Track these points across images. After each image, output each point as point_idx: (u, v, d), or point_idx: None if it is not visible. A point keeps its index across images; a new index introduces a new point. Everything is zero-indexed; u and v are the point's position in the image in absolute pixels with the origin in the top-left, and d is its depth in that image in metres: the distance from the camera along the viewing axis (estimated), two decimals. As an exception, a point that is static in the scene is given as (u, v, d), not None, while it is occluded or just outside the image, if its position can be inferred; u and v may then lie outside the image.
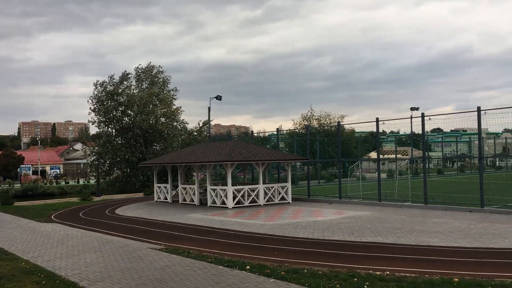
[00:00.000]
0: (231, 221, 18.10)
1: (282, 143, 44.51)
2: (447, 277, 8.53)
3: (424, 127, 21.63)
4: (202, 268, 9.79)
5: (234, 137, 46.98)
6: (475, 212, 18.58)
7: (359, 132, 57.61)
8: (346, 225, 16.04)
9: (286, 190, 25.14)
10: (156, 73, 46.95)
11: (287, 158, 26.46)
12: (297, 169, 40.63)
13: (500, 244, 12.08)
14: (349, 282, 8.33)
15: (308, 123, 51.98)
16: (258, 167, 24.45)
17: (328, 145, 41.96)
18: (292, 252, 11.86)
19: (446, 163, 57.11)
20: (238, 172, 36.33)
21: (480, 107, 19.42)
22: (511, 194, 23.74)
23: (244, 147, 25.32)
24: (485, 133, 62.62)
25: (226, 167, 23.72)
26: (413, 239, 13.02)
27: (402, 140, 69.66)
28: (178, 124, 45.79)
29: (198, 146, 29.71)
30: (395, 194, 23.72)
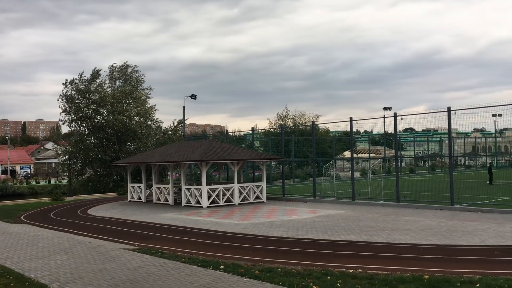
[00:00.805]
0: (205, 221, 18.03)
1: (257, 143, 44.59)
2: (417, 274, 8.68)
3: (396, 126, 21.98)
4: (176, 268, 9.72)
5: (209, 136, 46.80)
6: (445, 210, 18.99)
7: (333, 132, 58.15)
8: (320, 224, 16.18)
9: (261, 189, 25.18)
10: (131, 72, 46.38)
11: (262, 158, 26.51)
12: (272, 168, 40.77)
13: (469, 241, 12.38)
14: (323, 280, 8.40)
15: (283, 122, 52.19)
16: (233, 167, 24.43)
17: (303, 144, 42.22)
18: (266, 251, 11.89)
19: (418, 162, 58.22)
20: (213, 171, 36.21)
21: (450, 107, 19.88)
22: (480, 192, 24.37)
23: (219, 147, 25.26)
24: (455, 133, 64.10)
25: (201, 167, 23.62)
26: (385, 237, 13.22)
27: (375, 139, 70.70)
28: (153, 123, 45.35)
29: (172, 146, 29.50)
30: (368, 193, 24.05)
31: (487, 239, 12.51)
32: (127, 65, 46.18)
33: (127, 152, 42.04)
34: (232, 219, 18.18)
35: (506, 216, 16.91)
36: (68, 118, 42.38)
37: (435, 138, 71.22)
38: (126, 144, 43.88)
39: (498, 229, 14.04)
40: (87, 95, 41.76)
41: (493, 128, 44.33)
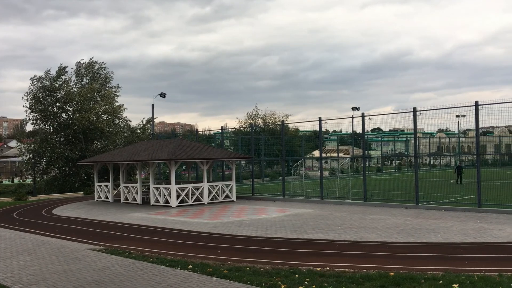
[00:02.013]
0: (174, 220, 17.89)
1: (227, 142, 44.54)
2: (383, 271, 8.85)
3: (364, 126, 22.34)
4: (143, 269, 9.60)
5: (178, 135, 46.42)
6: (410, 209, 19.42)
7: (303, 131, 58.65)
8: (289, 223, 16.28)
9: (230, 189, 25.16)
10: (98, 69, 45.48)
11: (232, 157, 26.49)
12: (242, 167, 40.80)
13: (433, 239, 12.70)
14: (291, 279, 8.46)
15: (253, 121, 52.27)
16: (202, 166, 24.31)
17: (272, 143, 42.42)
18: (235, 250, 11.89)
19: (385, 162, 59.34)
20: (183, 170, 35.97)
21: (416, 108, 20.33)
22: (444, 191, 25.07)
23: (189, 146, 25.09)
24: (420, 133, 65.70)
25: (170, 166, 23.40)
26: (353, 235, 13.42)
27: (344, 139, 71.63)
28: (121, 121, 44.61)
29: (141, 144, 29.12)
30: (337, 192, 24.36)
31: (450, 237, 12.86)
32: (94, 62, 45.28)
33: (94, 150, 41.22)
34: (201, 219, 18.10)
35: (468, 214, 17.43)
36: (32, 116, 41.24)
37: (401, 138, 72.76)
38: (93, 142, 43.02)
39: (461, 227, 14.46)
40: (52, 92, 40.73)
41: (456, 128, 45.58)
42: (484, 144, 68.58)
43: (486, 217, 16.56)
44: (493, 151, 63.60)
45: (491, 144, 71.02)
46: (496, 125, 75.36)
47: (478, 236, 12.84)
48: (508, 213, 17.13)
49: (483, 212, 17.72)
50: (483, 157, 50.30)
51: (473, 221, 15.66)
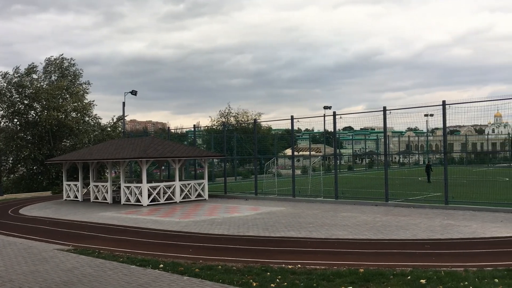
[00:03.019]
0: (145, 219, 17.70)
1: (200, 140, 44.32)
2: (353, 268, 8.97)
3: (335, 125, 22.59)
4: (113, 269, 9.46)
5: (150, 133, 45.91)
6: (380, 206, 19.76)
7: (275, 130, 58.85)
8: (261, 221, 16.33)
9: (202, 187, 25.05)
10: (68, 66, 44.48)
11: (204, 155, 26.38)
12: (215, 165, 40.68)
13: (401, 235, 12.95)
14: (262, 277, 8.49)
15: (225, 120, 52.15)
16: (174, 164, 24.12)
17: (245, 142, 42.43)
18: (207, 249, 11.85)
19: (356, 160, 60.15)
20: (154, 169, 35.59)
21: (385, 107, 20.70)
22: (412, 188, 25.58)
23: (160, 144, 24.86)
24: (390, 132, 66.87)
25: (141, 164, 23.14)
26: (324, 233, 13.56)
27: (316, 137, 72.26)
28: (91, 119, 43.79)
29: (111, 143, 28.67)
30: (309, 190, 24.56)
31: (418, 233, 13.14)
32: (63, 59, 44.28)
33: (63, 149, 40.35)
34: (173, 217, 17.96)
35: (436, 211, 17.85)
36: (-2, 113, 40.03)
37: (372, 136, 73.92)
38: (61, 141, 42.09)
39: (429, 223, 14.80)
40: (20, 89, 39.64)
41: (425, 127, 46.58)
42: (451, 143, 70.40)
43: (453, 214, 16.99)
44: (460, 149, 65.29)
45: (458, 142, 72.93)
46: (463, 124, 77.40)
47: (445, 233, 13.16)
48: (474, 210, 17.63)
49: (450, 209, 18.17)
50: (450, 156, 51.56)
51: (440, 218, 16.05)
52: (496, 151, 62.82)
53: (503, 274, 8.18)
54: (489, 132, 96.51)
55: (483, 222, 14.90)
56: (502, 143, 69.06)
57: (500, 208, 17.46)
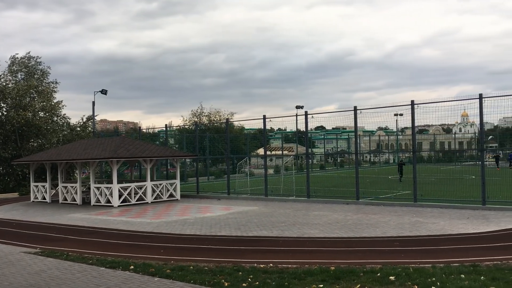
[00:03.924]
0: (116, 220, 17.43)
1: (172, 140, 43.94)
2: (324, 266, 9.05)
3: (307, 124, 22.76)
4: (82, 271, 9.28)
5: (121, 133, 45.25)
6: (351, 204, 20.01)
7: (248, 129, 58.90)
8: (233, 221, 16.31)
9: (174, 187, 24.85)
10: (34, 64, 43.36)
11: (176, 155, 26.17)
12: (187, 165, 40.42)
13: (372, 233, 13.15)
14: (234, 276, 8.47)
15: (198, 119, 51.89)
16: (146, 164, 23.85)
17: (217, 141, 42.31)
18: (178, 250, 11.76)
19: (328, 159, 60.75)
20: (125, 169, 35.12)
21: (356, 107, 20.94)
22: (383, 186, 26.01)
23: (131, 144, 24.53)
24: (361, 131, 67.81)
25: (112, 165, 22.78)
26: (296, 232, 13.64)
27: (288, 137, 72.64)
28: (59, 119, 42.81)
29: (80, 143, 28.13)
30: (281, 189, 24.66)
31: (388, 231, 13.37)
32: (30, 57, 43.15)
33: (30, 149, 39.32)
34: (144, 218, 17.76)
35: (405, 209, 18.19)
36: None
37: (343, 136, 74.77)
38: (29, 141, 41.02)
39: (398, 221, 15.07)
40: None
41: (395, 126, 47.41)
42: (420, 142, 71.89)
43: (421, 211, 17.35)
44: (428, 148, 66.77)
45: (426, 141, 74.57)
46: (431, 124, 79.21)
47: (414, 230, 13.43)
48: (442, 207, 18.04)
49: (418, 206, 18.55)
50: (419, 154, 52.64)
51: (409, 215, 16.36)
52: (462, 149, 64.51)
53: (469, 270, 8.39)
54: (456, 131, 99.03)
55: (451, 219, 15.27)
56: (469, 142, 70.96)
57: (466, 205, 17.93)
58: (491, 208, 17.20)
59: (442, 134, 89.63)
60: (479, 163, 20.44)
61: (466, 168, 39.30)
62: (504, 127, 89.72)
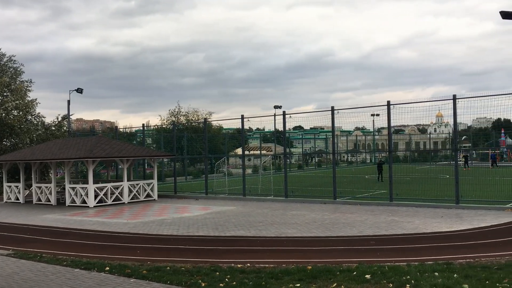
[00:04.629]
0: (91, 221, 17.18)
1: (149, 139, 43.54)
2: (302, 265, 9.10)
3: (285, 124, 22.84)
4: (56, 273, 9.12)
5: (97, 132, 44.62)
6: (329, 204, 20.16)
7: (226, 129, 58.78)
8: (211, 221, 16.25)
9: (152, 187, 24.63)
10: (7, 62, 42.36)
11: (153, 155, 25.95)
12: (164, 165, 40.11)
13: (348, 232, 13.27)
14: (211, 277, 8.45)
15: (175, 119, 51.53)
16: (122, 164, 23.57)
17: (195, 141, 42.10)
18: (155, 250, 11.66)
19: (306, 159, 61.09)
20: (101, 169, 34.65)
21: (333, 107, 21.11)
22: (360, 186, 26.29)
23: (108, 143, 24.21)
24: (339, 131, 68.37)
25: (87, 164, 22.45)
26: (273, 231, 13.67)
27: (267, 137, 72.77)
28: (34, 118, 41.93)
29: (55, 142, 27.63)
30: (259, 189, 24.69)
31: (364, 230, 13.52)
32: (2, 54, 42.15)
33: (3, 149, 38.43)
34: (120, 219, 17.55)
35: (382, 208, 18.42)
36: None
37: (321, 136, 75.29)
38: (1, 140, 40.08)
39: (374, 220, 15.25)
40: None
41: (372, 126, 47.95)
42: (396, 142, 72.94)
43: (397, 210, 17.60)
44: (404, 148, 67.78)
45: (402, 141, 75.72)
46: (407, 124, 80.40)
47: (389, 229, 13.61)
48: (417, 206, 18.33)
49: (394, 205, 18.81)
50: (395, 154, 53.41)
51: (385, 214, 16.58)
52: (437, 149, 65.70)
53: (442, 268, 8.55)
54: (431, 131, 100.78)
55: (425, 218, 15.53)
56: (443, 142, 72.33)
57: (440, 204, 18.27)
58: (464, 207, 17.56)
59: (418, 134, 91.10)
60: (453, 163, 20.84)
61: (440, 168, 40.04)
62: (477, 127, 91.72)
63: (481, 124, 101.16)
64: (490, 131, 69.38)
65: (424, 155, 57.10)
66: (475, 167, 40.58)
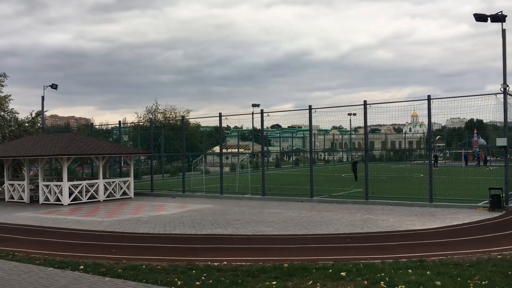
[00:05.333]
0: (66, 219, 16.91)
1: (126, 137, 43.03)
2: (278, 263, 9.15)
3: (263, 123, 22.88)
4: (29, 272, 8.95)
5: (72, 129, 43.91)
6: (305, 202, 20.29)
7: (204, 127, 58.51)
8: (188, 219, 16.18)
9: (128, 185, 24.37)
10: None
11: (130, 152, 25.67)
12: (141, 163, 39.71)
13: (325, 230, 13.39)
14: (188, 275, 8.41)
15: (152, 116, 51.05)
16: (98, 162, 23.25)
17: (173, 139, 41.79)
18: (131, 249, 11.55)
19: (283, 157, 61.32)
20: (76, 166, 34.10)
21: (311, 106, 21.25)
22: (336, 184, 26.54)
23: (83, 140, 23.85)
24: (316, 130, 68.84)
25: (62, 162, 22.07)
26: (250, 229, 13.69)
27: (245, 135, 72.77)
28: (6, 113, 41.00)
29: (29, 139, 27.06)
30: (236, 187, 24.68)
31: (340, 228, 13.66)
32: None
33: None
34: (95, 217, 17.32)
35: (357, 206, 18.65)
36: None
37: (299, 134, 75.68)
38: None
39: (350, 218, 15.43)
40: None
41: (349, 126, 48.43)
42: (372, 141, 73.82)
43: (372, 208, 17.83)
44: (380, 147, 68.68)
45: (378, 141, 76.71)
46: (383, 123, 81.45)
47: (365, 227, 13.79)
48: (392, 205, 18.62)
49: (370, 204, 19.06)
50: (371, 153, 54.06)
51: (361, 212, 16.78)
52: (412, 149, 66.77)
53: (416, 265, 8.71)
54: (406, 131, 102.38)
55: (400, 216, 15.79)
56: (418, 141, 73.54)
57: (415, 202, 18.59)
58: (437, 205, 17.91)
59: (393, 134, 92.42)
60: (427, 162, 21.23)
61: (415, 167, 40.68)
62: (451, 127, 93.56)
63: (455, 124, 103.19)
64: (463, 131, 70.83)
65: (400, 154, 57.99)
66: (448, 166, 41.40)
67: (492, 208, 16.55)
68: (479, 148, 48.87)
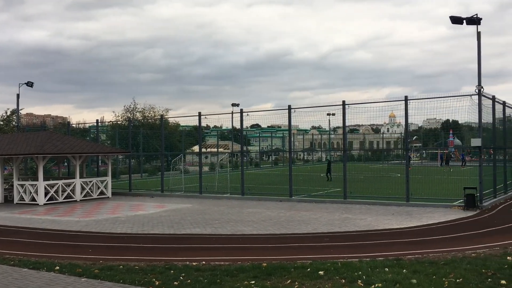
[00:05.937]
0: (41, 219, 16.61)
1: (104, 136, 42.52)
2: (257, 262, 9.15)
3: (242, 122, 22.87)
4: (3, 273, 8.76)
5: (49, 128, 43.15)
6: (284, 202, 20.36)
7: (183, 126, 58.16)
8: (166, 218, 16.07)
9: (105, 185, 24.07)
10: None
11: (107, 151, 25.37)
12: (119, 162, 39.28)
13: (303, 229, 13.46)
14: (166, 275, 8.36)
15: (131, 115, 50.53)
16: (74, 161, 22.90)
17: (152, 138, 41.46)
18: (108, 249, 11.41)
19: (263, 157, 61.44)
20: (53, 165, 33.55)
21: (290, 105, 21.33)
22: (315, 184, 26.71)
23: (59, 139, 23.46)
24: (296, 130, 69.14)
25: (37, 161, 21.67)
26: (229, 229, 13.68)
27: (224, 134, 72.59)
28: (-20, 111, 40.07)
29: (3, 137, 26.50)
30: (216, 187, 24.62)
31: (319, 227, 13.75)
32: None
33: None
34: (72, 217, 17.06)
35: (336, 205, 18.80)
36: None
37: (278, 134, 75.89)
38: None
39: (329, 218, 15.54)
40: None
41: (328, 126, 48.79)
42: (351, 141, 74.55)
43: (350, 208, 18.00)
44: (358, 147, 69.39)
45: (357, 140, 77.50)
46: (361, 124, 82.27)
47: (343, 226, 13.91)
48: (369, 204, 18.82)
49: (348, 203, 19.23)
50: (350, 153, 54.55)
51: (339, 212, 16.92)
52: (390, 149, 67.63)
53: (392, 263, 8.82)
54: (384, 131, 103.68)
55: (377, 215, 15.97)
56: (395, 141, 74.53)
57: (392, 202, 18.83)
58: (414, 204, 18.18)
59: (371, 134, 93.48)
60: (404, 162, 21.52)
61: (392, 167, 41.23)
62: (428, 128, 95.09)
63: (431, 125, 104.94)
64: (439, 131, 72.07)
65: (377, 154, 58.67)
66: (424, 166, 42.07)
67: (467, 208, 16.89)
68: (454, 148, 49.81)
